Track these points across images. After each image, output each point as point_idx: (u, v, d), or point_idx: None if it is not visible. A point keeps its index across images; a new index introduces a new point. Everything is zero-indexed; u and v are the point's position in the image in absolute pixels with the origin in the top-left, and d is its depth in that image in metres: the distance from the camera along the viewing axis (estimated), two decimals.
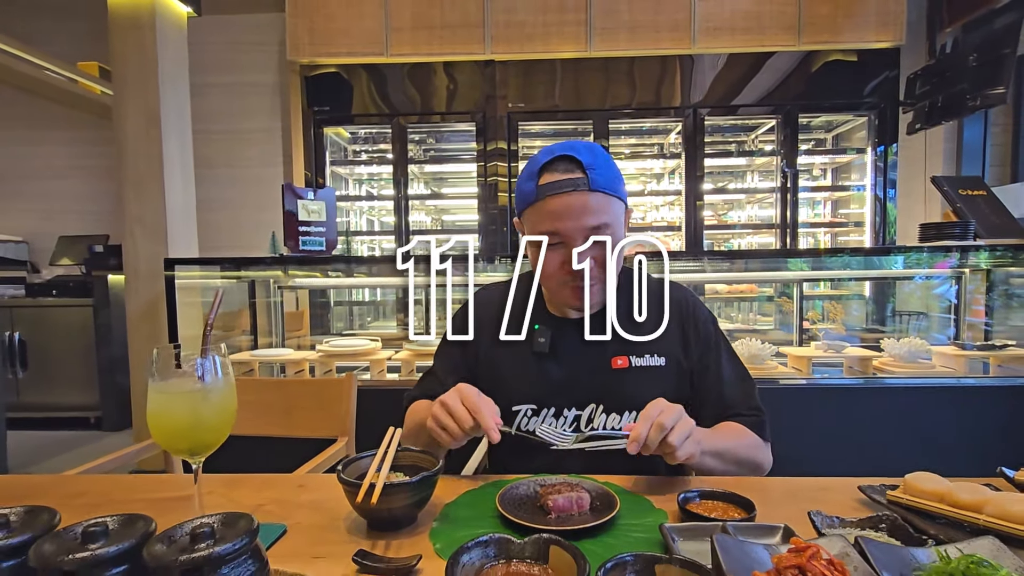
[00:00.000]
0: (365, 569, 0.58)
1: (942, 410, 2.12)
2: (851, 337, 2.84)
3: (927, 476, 0.70)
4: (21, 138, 4.31)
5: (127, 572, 0.45)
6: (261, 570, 0.47)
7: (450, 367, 1.08)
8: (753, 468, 0.94)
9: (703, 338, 1.04)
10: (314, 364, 2.47)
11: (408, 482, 0.65)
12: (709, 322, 1.07)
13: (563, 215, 0.92)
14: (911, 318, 2.99)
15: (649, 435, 0.77)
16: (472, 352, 1.08)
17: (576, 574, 0.50)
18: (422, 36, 3.63)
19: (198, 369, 0.58)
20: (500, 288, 1.14)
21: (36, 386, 3.94)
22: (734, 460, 0.91)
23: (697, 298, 1.10)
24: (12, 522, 0.49)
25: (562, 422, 0.99)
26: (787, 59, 3.65)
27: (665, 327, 1.01)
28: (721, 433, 0.95)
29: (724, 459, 0.89)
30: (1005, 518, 0.61)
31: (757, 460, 0.95)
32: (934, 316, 2.84)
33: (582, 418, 0.98)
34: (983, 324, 2.59)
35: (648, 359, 0.99)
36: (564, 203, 0.91)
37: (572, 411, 0.99)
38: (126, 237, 2.54)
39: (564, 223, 0.92)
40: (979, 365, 2.38)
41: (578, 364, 1.00)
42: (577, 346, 1.01)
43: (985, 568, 0.44)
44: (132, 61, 2.44)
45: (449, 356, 1.10)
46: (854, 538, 0.52)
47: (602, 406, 0.98)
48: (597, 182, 0.92)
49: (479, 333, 1.08)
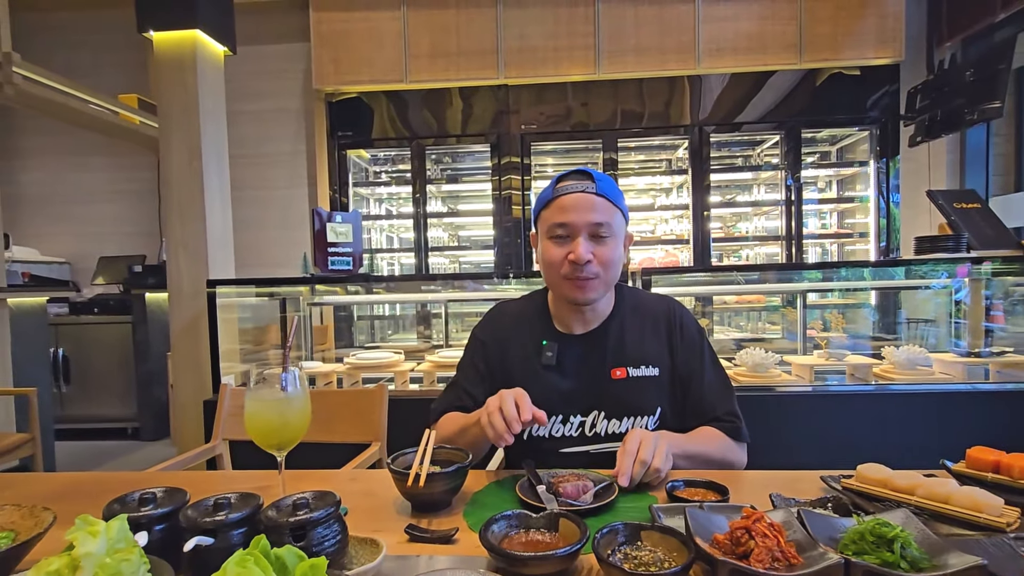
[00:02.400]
0: (415, 538, 0.74)
1: (939, 415, 2.21)
2: (861, 345, 2.94)
3: (875, 466, 0.84)
4: (65, 165, 4.60)
5: (247, 532, 0.61)
6: (343, 531, 0.63)
7: (475, 378, 1.19)
8: (724, 467, 1.07)
9: (688, 345, 1.16)
10: (342, 376, 2.64)
11: (446, 471, 0.81)
12: (695, 331, 1.19)
13: (571, 209, 1.07)
14: (914, 326, 3.08)
15: (634, 472, 0.88)
16: (490, 362, 1.20)
17: (579, 537, 0.65)
18: (439, 63, 3.84)
19: (283, 382, 0.75)
20: (514, 305, 1.28)
21: (78, 399, 4.18)
22: (704, 461, 1.04)
23: (684, 308, 1.22)
24: (158, 498, 0.67)
25: (569, 427, 1.11)
26: (789, 76, 3.78)
27: (655, 339, 1.15)
28: (695, 438, 1.07)
29: (695, 460, 1.03)
30: (931, 498, 0.75)
31: (728, 460, 1.08)
32: (934, 325, 2.92)
33: (586, 424, 1.11)
34: (983, 331, 2.67)
35: (644, 370, 1.12)
36: (574, 200, 1.08)
37: (577, 418, 1.11)
38: (170, 259, 2.75)
39: (571, 215, 1.07)
40: (978, 371, 2.47)
41: (581, 376, 1.13)
42: (580, 359, 1.14)
43: (885, 528, 0.58)
44: (176, 99, 2.66)
45: (473, 367, 1.21)
46: (797, 511, 0.67)
47: (603, 412, 1.11)
48: (603, 190, 1.09)
49: (495, 347, 1.20)
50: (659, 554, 0.63)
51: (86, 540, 0.48)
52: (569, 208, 1.08)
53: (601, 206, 1.08)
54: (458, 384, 1.21)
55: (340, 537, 0.63)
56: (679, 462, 1.00)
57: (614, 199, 1.11)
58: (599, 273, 1.08)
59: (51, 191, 4.62)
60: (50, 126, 4.36)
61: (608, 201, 1.09)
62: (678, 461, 0.99)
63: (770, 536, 0.59)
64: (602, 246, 1.08)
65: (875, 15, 3.64)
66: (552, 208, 1.10)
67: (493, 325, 1.24)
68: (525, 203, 3.92)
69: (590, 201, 1.07)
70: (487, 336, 1.22)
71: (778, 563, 0.57)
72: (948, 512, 0.73)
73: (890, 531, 0.58)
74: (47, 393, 3.47)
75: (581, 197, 1.08)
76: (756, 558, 0.57)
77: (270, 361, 2.97)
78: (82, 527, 0.50)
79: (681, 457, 1.01)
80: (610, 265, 1.09)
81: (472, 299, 3.16)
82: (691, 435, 1.08)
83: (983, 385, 2.33)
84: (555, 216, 1.09)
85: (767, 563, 0.57)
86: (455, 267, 4.88)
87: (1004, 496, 0.75)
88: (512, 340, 1.19)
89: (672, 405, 1.14)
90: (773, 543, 0.58)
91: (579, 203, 1.07)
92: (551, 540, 0.69)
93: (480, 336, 1.23)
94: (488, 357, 1.20)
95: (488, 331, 1.23)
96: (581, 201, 1.07)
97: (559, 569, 0.63)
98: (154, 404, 4.13)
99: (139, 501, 0.65)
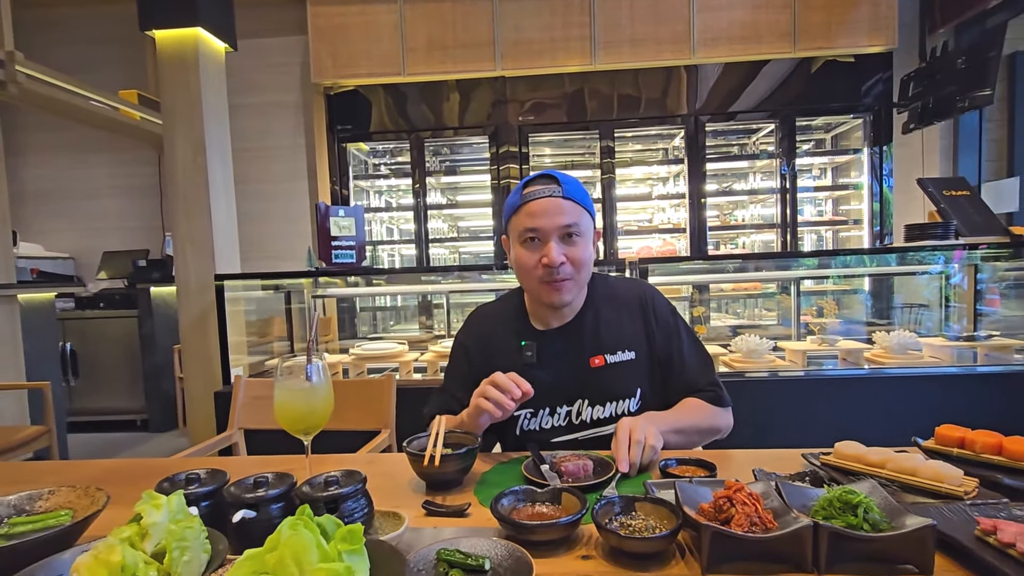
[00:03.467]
0: (431, 512, 0.81)
1: (928, 397, 2.29)
2: (855, 330, 3.01)
3: (851, 444, 0.91)
4: (67, 161, 4.64)
5: (284, 506, 0.69)
6: (369, 505, 0.71)
7: (461, 382, 1.22)
8: (713, 433, 1.15)
9: (663, 327, 1.21)
10: (348, 367, 2.71)
11: (457, 453, 0.88)
12: (667, 311, 1.23)
13: (540, 214, 1.10)
14: (906, 311, 3.16)
15: (632, 455, 0.93)
16: (475, 365, 1.23)
17: (580, 508, 0.72)
18: (436, 56, 3.87)
19: (308, 372, 0.82)
20: (492, 307, 1.33)
21: (87, 392, 4.26)
22: (695, 431, 1.12)
23: (655, 290, 1.27)
24: (202, 478, 0.74)
25: (557, 418, 1.17)
26: (784, 65, 3.82)
27: (630, 324, 1.20)
28: (681, 413, 1.13)
29: (685, 433, 1.10)
30: (899, 471, 0.83)
31: (716, 426, 1.16)
32: (927, 310, 3.00)
33: (573, 412, 1.17)
34: (974, 316, 2.75)
35: (620, 355, 1.17)
36: (542, 205, 1.11)
37: (564, 408, 1.17)
38: (177, 254, 2.81)
39: (541, 220, 1.10)
40: (967, 354, 2.55)
41: (562, 368, 1.17)
42: (559, 353, 1.19)
43: (850, 495, 0.65)
44: (179, 96, 2.71)
45: (459, 372, 1.26)
46: (775, 483, 0.74)
47: (587, 400, 1.16)
48: (570, 192, 1.12)
49: (478, 350, 1.25)
50: (651, 522, 0.71)
51: (152, 512, 0.56)
52: (538, 213, 1.11)
53: (569, 209, 1.11)
54: (446, 390, 1.25)
55: (367, 510, 0.70)
56: (670, 438, 1.06)
57: (581, 200, 1.14)
58: (572, 274, 1.12)
59: (54, 187, 4.67)
60: (52, 123, 4.40)
61: (575, 203, 1.12)
62: (669, 437, 1.05)
63: (749, 504, 0.66)
64: (573, 247, 1.12)
65: (868, 3, 3.68)
66: (521, 214, 1.13)
67: (475, 329, 1.29)
68: None
69: (558, 205, 1.10)
70: (469, 341, 1.27)
71: (756, 527, 0.65)
72: (914, 483, 0.80)
73: (855, 498, 0.65)
74: (58, 387, 3.54)
75: (549, 202, 1.11)
76: (736, 523, 0.65)
77: (274, 353, 3.04)
78: (147, 501, 0.57)
79: (671, 432, 1.06)
80: (582, 265, 1.13)
81: (473, 289, 3.23)
82: (676, 410, 1.14)
83: (971, 368, 2.41)
84: (525, 222, 1.12)
85: (746, 527, 0.64)
86: (455, 258, 4.94)
87: (967, 469, 0.82)
88: (493, 342, 1.24)
89: (651, 385, 1.19)
90: (752, 510, 0.66)
91: (547, 208, 1.10)
92: (555, 512, 0.76)
93: (463, 341, 1.28)
94: (472, 360, 1.24)
95: (470, 336, 1.28)
96: (549, 206, 1.10)
97: (562, 536, 0.71)
98: (162, 396, 4.21)
99: (186, 480, 0.73)
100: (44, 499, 0.76)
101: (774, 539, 0.63)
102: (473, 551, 0.64)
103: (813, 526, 0.62)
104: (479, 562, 0.63)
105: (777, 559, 0.64)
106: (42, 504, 0.76)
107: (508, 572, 0.62)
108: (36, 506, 0.76)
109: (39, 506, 0.76)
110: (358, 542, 0.51)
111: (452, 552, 0.63)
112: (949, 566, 0.63)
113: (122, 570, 0.51)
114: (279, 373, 0.82)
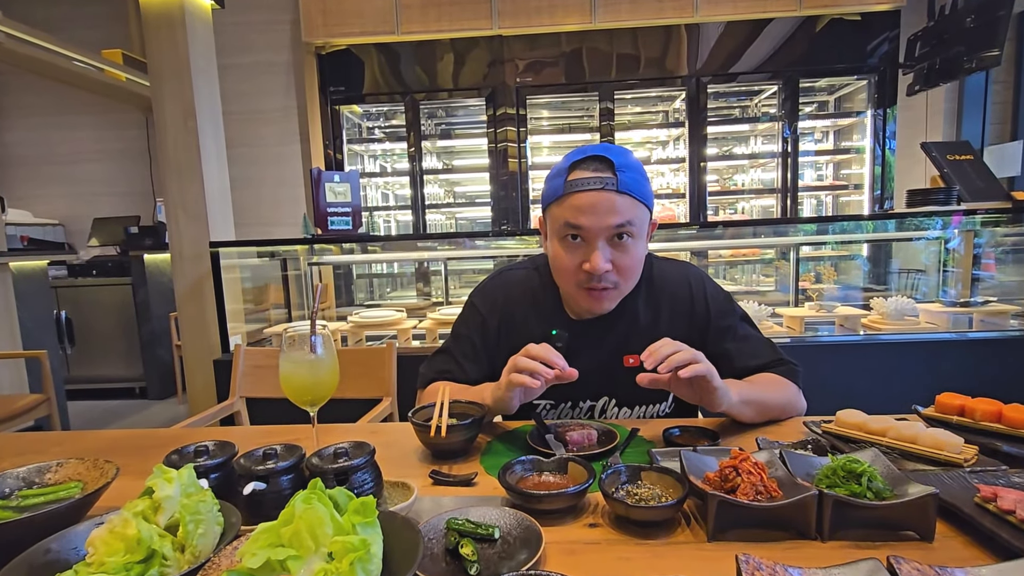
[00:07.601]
0: (439, 482, 0.82)
1: (925, 362, 2.31)
2: (853, 296, 3.02)
3: (852, 412, 0.92)
4: (50, 124, 4.51)
5: (294, 478, 0.69)
6: (378, 477, 0.72)
7: (469, 352, 1.10)
8: (788, 413, 1.00)
9: (718, 309, 1.08)
10: (346, 334, 2.71)
11: (463, 423, 0.89)
12: (719, 295, 1.10)
13: (588, 211, 0.92)
14: (904, 276, 3.16)
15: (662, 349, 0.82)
16: (492, 338, 1.09)
17: (587, 478, 0.73)
18: (431, 13, 3.74)
19: (313, 343, 0.81)
20: (517, 276, 1.14)
21: (84, 360, 4.27)
22: (775, 406, 0.98)
23: (704, 274, 1.13)
24: (211, 450, 0.74)
25: (578, 412, 1.08)
26: (787, 24, 3.70)
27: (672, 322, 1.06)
28: (756, 384, 0.99)
29: (758, 407, 0.95)
30: (900, 439, 0.84)
31: (794, 405, 1.01)
32: (925, 275, 3.01)
33: (596, 408, 1.08)
34: (971, 281, 2.76)
35: None
36: (590, 200, 0.91)
37: (587, 402, 1.08)
38: (170, 221, 2.77)
39: (588, 219, 0.92)
40: (963, 320, 2.57)
41: (593, 363, 1.02)
42: (592, 346, 1.05)
43: (854, 464, 0.66)
44: (167, 57, 2.61)
45: (469, 341, 1.11)
46: (779, 451, 0.75)
47: (614, 400, 1.07)
48: (626, 184, 0.92)
49: (497, 328, 1.09)
50: (657, 491, 0.72)
51: (164, 485, 0.56)
52: (585, 209, 0.92)
53: (623, 206, 0.92)
54: (450, 352, 1.12)
55: (376, 481, 0.71)
56: (744, 410, 0.94)
57: (638, 193, 0.94)
58: (617, 283, 0.97)
59: (38, 151, 4.55)
60: (35, 84, 4.26)
61: (632, 198, 0.93)
62: (743, 409, 0.93)
63: (754, 473, 0.67)
64: (623, 252, 0.95)
65: None
66: (564, 206, 0.94)
67: (496, 299, 1.12)
68: (521, 156, 3.91)
69: (610, 201, 0.91)
70: (488, 312, 1.12)
71: (761, 496, 0.65)
72: (915, 451, 0.81)
73: (858, 467, 0.66)
74: (55, 355, 3.54)
75: (599, 196, 0.91)
76: (742, 492, 0.66)
77: (271, 321, 3.03)
78: (159, 475, 0.58)
79: (745, 403, 0.93)
80: (631, 273, 0.97)
81: (472, 256, 3.20)
82: (751, 380, 1.00)
83: (967, 334, 2.43)
84: (567, 215, 0.94)
85: (751, 496, 0.65)
86: (452, 223, 4.89)
87: (967, 436, 0.83)
88: (516, 320, 1.09)
89: None
90: (757, 479, 0.67)
91: (597, 204, 0.91)
92: (562, 481, 0.77)
93: (481, 310, 1.12)
94: (486, 335, 1.11)
95: (489, 304, 1.12)
96: (599, 201, 0.91)
97: (569, 505, 0.72)
98: (159, 364, 4.23)
99: (195, 453, 0.73)
100: (53, 471, 0.76)
101: (779, 507, 0.64)
102: (483, 520, 0.65)
103: (818, 495, 0.63)
104: (489, 531, 0.63)
105: (781, 526, 0.66)
106: (51, 476, 0.76)
107: (517, 541, 0.63)
108: (45, 478, 0.76)
109: (48, 478, 0.76)
110: (371, 514, 0.52)
111: (462, 522, 0.64)
112: (949, 532, 0.65)
113: (138, 543, 0.52)
114: (284, 344, 0.81)
